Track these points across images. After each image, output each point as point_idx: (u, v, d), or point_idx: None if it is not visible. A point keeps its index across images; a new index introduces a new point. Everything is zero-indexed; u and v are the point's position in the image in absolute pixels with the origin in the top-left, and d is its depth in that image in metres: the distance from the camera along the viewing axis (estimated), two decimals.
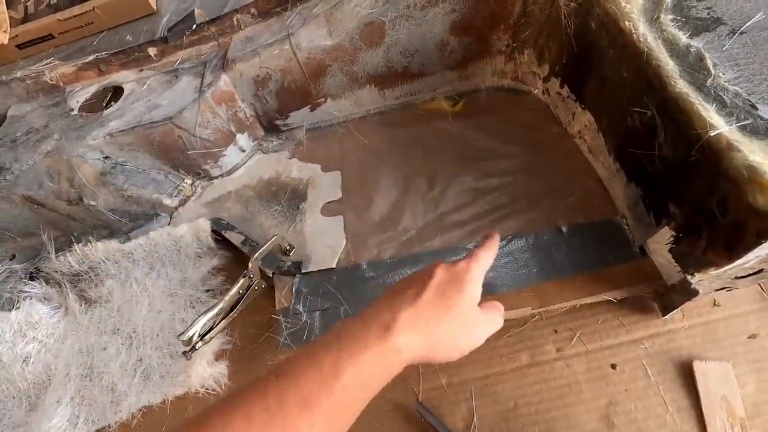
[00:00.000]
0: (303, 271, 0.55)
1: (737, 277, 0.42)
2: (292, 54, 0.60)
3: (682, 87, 0.37)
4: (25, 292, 0.62)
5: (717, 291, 0.46)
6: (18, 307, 0.61)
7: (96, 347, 0.59)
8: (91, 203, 0.61)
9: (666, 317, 0.48)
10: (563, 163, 0.58)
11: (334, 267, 0.55)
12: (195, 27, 0.66)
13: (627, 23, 0.42)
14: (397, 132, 0.66)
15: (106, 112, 0.63)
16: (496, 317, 0.38)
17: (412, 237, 0.56)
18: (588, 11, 0.48)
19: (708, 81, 0.37)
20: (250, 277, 0.51)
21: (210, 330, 0.48)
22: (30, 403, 0.58)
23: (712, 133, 0.34)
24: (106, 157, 0.60)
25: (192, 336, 0.46)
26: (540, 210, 0.54)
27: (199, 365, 0.53)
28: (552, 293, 0.50)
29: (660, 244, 0.46)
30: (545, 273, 0.51)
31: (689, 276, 0.40)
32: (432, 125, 0.65)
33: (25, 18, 0.91)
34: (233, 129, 0.66)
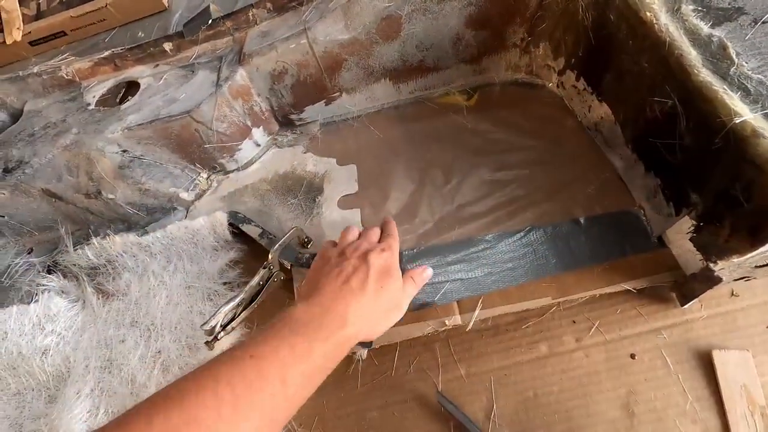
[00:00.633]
0: None
1: (757, 266, 0.42)
2: (308, 48, 0.61)
3: (705, 76, 0.38)
4: (43, 285, 0.63)
5: (735, 281, 0.46)
6: (36, 300, 0.61)
7: (114, 340, 0.59)
8: (110, 197, 0.61)
9: (685, 307, 0.49)
10: (579, 155, 0.58)
11: None
12: (211, 22, 0.66)
13: (648, 14, 0.42)
14: (412, 126, 0.66)
15: (123, 106, 0.63)
16: (410, 287, 0.47)
17: (429, 229, 0.56)
18: (607, 3, 0.48)
19: (731, 70, 0.38)
20: (270, 269, 0.51)
21: (232, 320, 0.48)
22: (49, 395, 0.58)
23: (737, 120, 0.35)
24: (124, 151, 0.60)
25: (215, 326, 0.47)
26: (557, 201, 0.55)
27: None
28: (570, 283, 0.51)
29: (680, 233, 0.46)
30: (563, 264, 0.51)
31: (712, 264, 0.41)
32: (447, 119, 0.66)
33: (38, 15, 0.92)
34: (249, 123, 0.66)
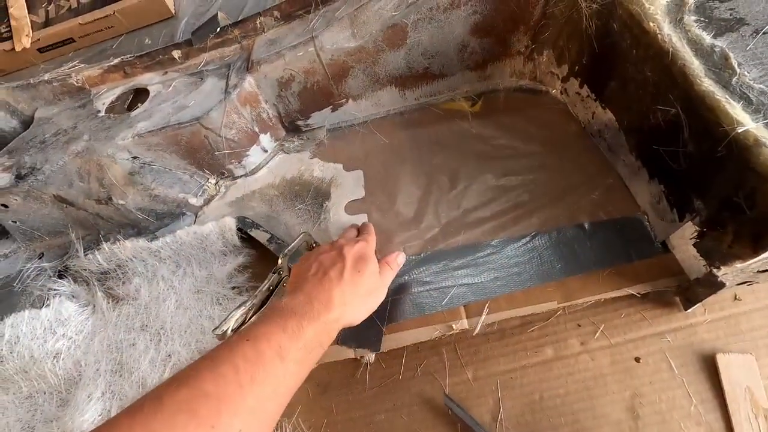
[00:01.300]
0: None
1: (759, 271, 0.43)
2: (315, 56, 0.62)
3: (708, 85, 0.38)
4: (55, 289, 0.63)
5: (738, 285, 0.47)
6: (48, 305, 0.62)
7: (125, 343, 0.60)
8: (120, 202, 0.62)
9: (688, 311, 0.49)
10: (583, 162, 0.59)
11: None
12: (219, 30, 0.67)
13: (651, 24, 0.43)
14: (418, 132, 0.67)
15: (133, 113, 0.64)
16: (387, 273, 0.50)
17: (435, 234, 0.57)
18: (610, 13, 0.49)
19: (733, 79, 0.39)
20: (279, 274, 0.52)
21: (242, 324, 0.49)
22: (61, 399, 0.59)
23: (739, 130, 0.35)
24: (134, 157, 0.61)
25: (226, 330, 0.47)
26: (562, 207, 0.56)
27: None
28: (575, 288, 0.51)
29: (683, 239, 0.47)
30: (568, 269, 0.52)
31: (715, 269, 0.41)
32: (452, 125, 0.66)
33: (47, 22, 0.93)
34: (257, 129, 0.67)
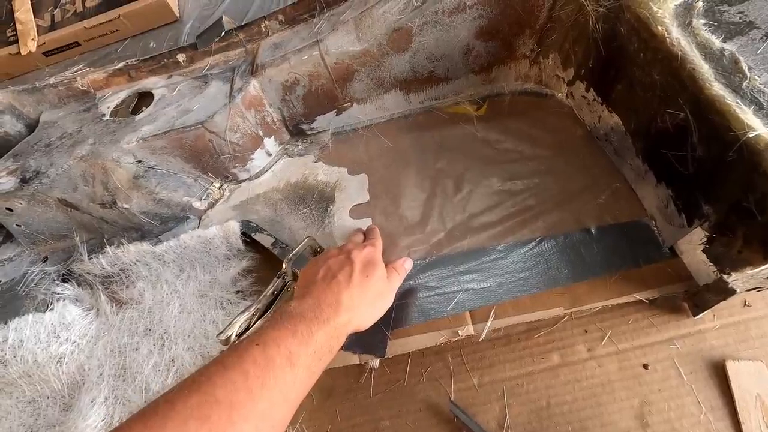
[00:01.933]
0: None
1: None
2: (320, 59, 0.61)
3: (718, 89, 0.38)
4: (58, 293, 0.63)
5: (748, 291, 0.46)
6: (52, 309, 0.62)
7: (128, 348, 0.60)
8: (125, 206, 0.62)
9: (697, 317, 0.49)
10: (589, 165, 0.58)
11: None
12: (224, 34, 0.67)
13: (660, 27, 0.43)
14: (423, 135, 0.67)
15: (138, 117, 0.64)
16: (394, 277, 0.50)
17: (441, 239, 0.56)
18: (617, 16, 0.48)
19: (744, 83, 0.38)
20: (284, 278, 0.52)
21: (246, 330, 0.49)
22: (64, 403, 0.59)
23: (750, 135, 0.35)
24: (139, 161, 0.61)
25: (230, 335, 0.47)
26: (568, 211, 0.55)
27: None
28: (582, 293, 0.51)
29: (692, 244, 0.46)
30: (575, 274, 0.51)
31: (725, 275, 0.41)
32: (457, 128, 0.66)
33: (52, 26, 0.93)
34: (261, 133, 0.67)
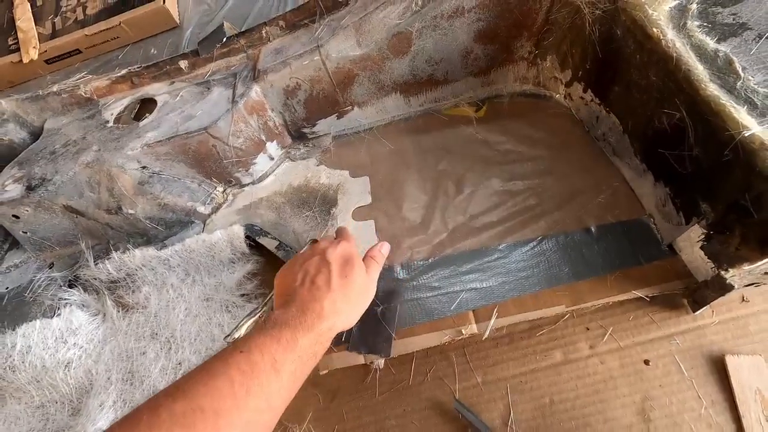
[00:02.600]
0: None
1: (767, 273, 0.43)
2: (321, 64, 0.62)
3: (713, 90, 0.39)
4: (65, 299, 0.64)
5: (746, 287, 0.47)
6: (59, 314, 0.62)
7: (135, 352, 0.61)
8: (130, 212, 0.63)
9: (696, 313, 0.50)
10: (588, 165, 0.59)
11: None
12: (225, 40, 0.68)
13: (655, 29, 0.44)
14: (423, 137, 0.68)
15: (142, 123, 0.65)
16: (373, 268, 0.50)
17: (443, 239, 0.57)
18: (614, 19, 0.49)
19: (738, 84, 0.39)
20: None
21: None
22: (72, 408, 0.60)
23: (745, 134, 0.36)
24: (143, 167, 0.62)
25: (237, 339, 0.48)
26: (568, 211, 0.56)
27: None
28: (583, 291, 0.51)
29: (690, 241, 0.47)
30: (576, 272, 0.52)
31: (723, 272, 0.42)
32: (457, 130, 0.67)
33: (53, 34, 0.94)
34: (263, 137, 0.68)
